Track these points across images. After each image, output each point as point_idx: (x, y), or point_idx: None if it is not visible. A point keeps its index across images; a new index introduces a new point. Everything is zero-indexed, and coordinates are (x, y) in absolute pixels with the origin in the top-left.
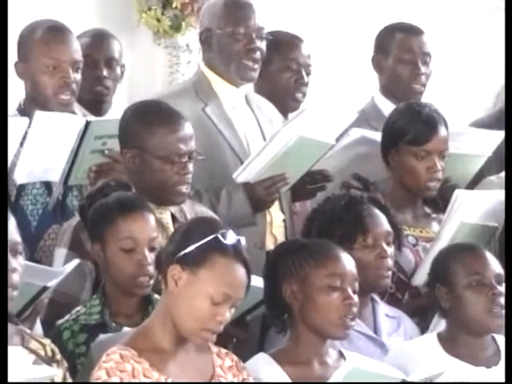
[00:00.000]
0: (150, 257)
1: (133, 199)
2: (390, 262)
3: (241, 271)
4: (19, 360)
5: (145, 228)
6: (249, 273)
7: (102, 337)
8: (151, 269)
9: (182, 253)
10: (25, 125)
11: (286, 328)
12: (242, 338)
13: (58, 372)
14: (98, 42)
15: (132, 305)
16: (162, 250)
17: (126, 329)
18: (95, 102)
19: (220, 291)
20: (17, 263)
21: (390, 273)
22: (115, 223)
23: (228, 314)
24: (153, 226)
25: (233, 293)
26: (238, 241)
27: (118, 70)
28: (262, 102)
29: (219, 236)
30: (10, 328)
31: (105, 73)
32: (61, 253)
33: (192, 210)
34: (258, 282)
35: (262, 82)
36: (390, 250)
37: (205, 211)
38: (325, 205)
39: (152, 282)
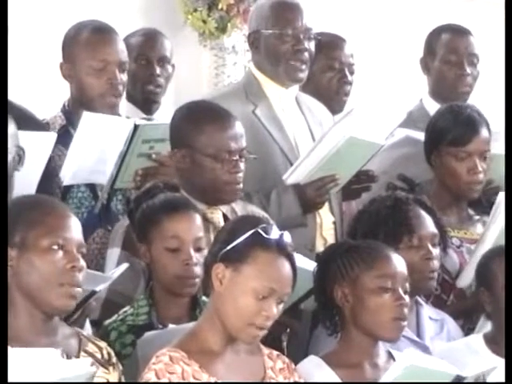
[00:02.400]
0: (196, 257)
1: (178, 199)
2: (435, 263)
3: (284, 265)
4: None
5: (190, 228)
6: (294, 267)
7: (148, 334)
8: (197, 269)
9: (224, 250)
10: (51, 140)
11: (337, 330)
12: (295, 327)
13: (113, 374)
14: (150, 41)
15: (179, 306)
16: (208, 252)
17: (172, 326)
18: (147, 101)
19: (264, 285)
20: (83, 263)
21: (435, 275)
22: (161, 223)
23: (275, 309)
24: (199, 226)
25: (277, 287)
26: (281, 235)
27: (170, 69)
28: (313, 104)
29: (260, 231)
30: (68, 330)
31: (158, 71)
32: (114, 252)
33: (244, 210)
34: (310, 266)
35: (306, 82)
36: (436, 251)
37: (257, 211)
38: (370, 206)
39: (197, 281)
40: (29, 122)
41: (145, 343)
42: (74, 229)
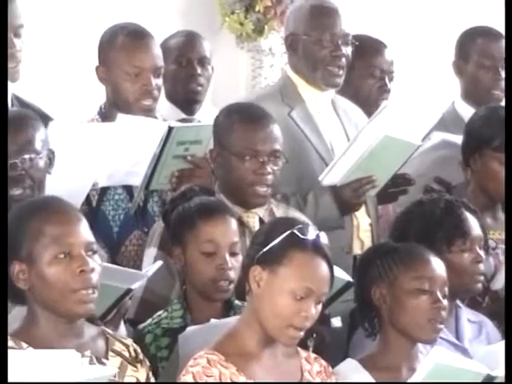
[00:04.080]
0: (231, 261)
1: (215, 203)
2: (483, 266)
3: (321, 265)
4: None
5: (226, 232)
6: (331, 267)
7: (189, 329)
8: (232, 273)
9: (261, 253)
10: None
11: (376, 332)
12: (322, 332)
13: (141, 371)
14: (190, 42)
15: (213, 310)
16: (245, 255)
17: (213, 320)
18: (188, 102)
19: (301, 286)
20: (94, 263)
21: (482, 278)
22: (196, 226)
23: (314, 310)
24: (234, 231)
25: (315, 287)
26: (318, 236)
27: (210, 70)
28: (349, 106)
29: (295, 231)
30: (94, 330)
31: (199, 71)
32: (151, 252)
33: (285, 214)
34: (337, 272)
35: (345, 88)
36: (483, 254)
37: (298, 216)
38: (419, 208)
39: (232, 286)
40: (43, 121)
41: (186, 337)
42: (79, 231)
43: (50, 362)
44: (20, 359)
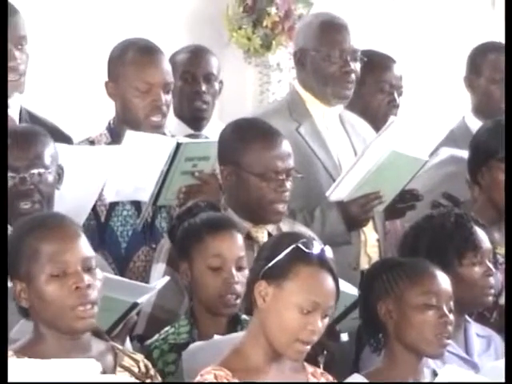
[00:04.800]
0: (238, 276)
1: (221, 218)
2: (493, 280)
3: (327, 279)
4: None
5: (232, 247)
6: (336, 281)
7: (193, 346)
8: (238, 288)
9: (266, 267)
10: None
11: (381, 347)
12: (332, 349)
13: None
14: (196, 58)
15: (220, 325)
16: (249, 270)
17: (216, 337)
18: (194, 118)
19: (307, 300)
20: (91, 278)
21: (493, 291)
22: (203, 241)
23: (320, 324)
24: (240, 245)
25: (321, 300)
26: (322, 250)
27: (217, 86)
28: (356, 121)
29: (300, 245)
30: (102, 345)
31: (204, 88)
32: (159, 268)
33: (291, 229)
34: (346, 287)
35: (354, 103)
36: (492, 267)
37: (304, 230)
38: (429, 222)
39: (239, 301)
40: (54, 135)
41: (190, 354)
42: (75, 247)
43: (69, 371)
44: (38, 368)
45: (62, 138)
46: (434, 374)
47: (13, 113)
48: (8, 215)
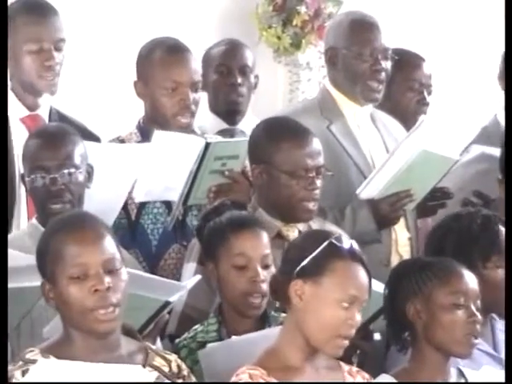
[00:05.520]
0: (263, 274)
1: (245, 217)
2: None
3: (361, 272)
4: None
5: (257, 245)
6: (369, 273)
7: (210, 346)
8: (264, 286)
9: (300, 266)
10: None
11: (407, 347)
12: (366, 348)
13: None
14: (231, 51)
15: (248, 323)
16: (278, 270)
17: (234, 337)
18: (230, 112)
19: (346, 294)
20: (114, 280)
21: None
22: (227, 240)
23: (358, 317)
24: (265, 244)
25: (359, 293)
26: (352, 243)
27: (252, 79)
28: (388, 120)
29: (333, 241)
30: (133, 345)
31: (239, 80)
32: (189, 267)
33: (321, 228)
34: (379, 287)
35: (384, 101)
36: None
37: (334, 230)
38: (456, 222)
39: (265, 301)
40: (83, 135)
41: (207, 355)
42: (97, 249)
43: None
44: (87, 372)
45: (90, 137)
46: (461, 373)
47: (43, 112)
48: (39, 215)
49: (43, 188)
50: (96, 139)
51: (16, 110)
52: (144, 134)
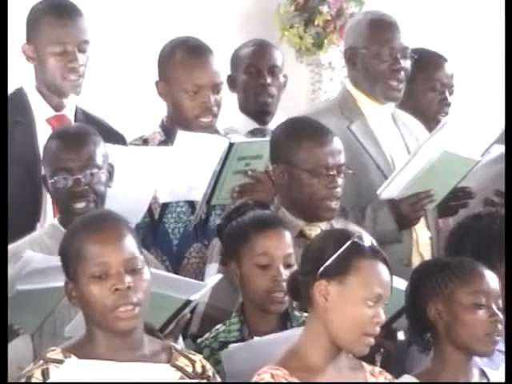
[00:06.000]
0: (285, 273)
1: (268, 216)
2: None
3: (384, 269)
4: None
5: (280, 244)
6: (390, 270)
7: (232, 346)
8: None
9: (324, 266)
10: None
11: (429, 347)
12: (389, 347)
13: None
14: (260, 51)
15: (270, 322)
16: (297, 271)
17: (256, 338)
18: (260, 113)
19: (372, 292)
20: (135, 280)
21: None
22: (250, 240)
23: (382, 315)
24: (288, 243)
25: (383, 291)
26: (372, 242)
27: (281, 78)
28: (409, 120)
29: (356, 240)
30: (157, 344)
31: (269, 80)
32: (212, 268)
33: (345, 227)
34: (402, 285)
35: (405, 101)
36: None
37: (357, 230)
38: (477, 222)
39: (287, 298)
40: (108, 134)
41: (229, 356)
42: (118, 248)
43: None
44: (109, 371)
45: (116, 137)
46: (483, 373)
47: (68, 113)
48: (63, 216)
49: (67, 189)
50: (121, 138)
51: (42, 110)
52: (168, 133)
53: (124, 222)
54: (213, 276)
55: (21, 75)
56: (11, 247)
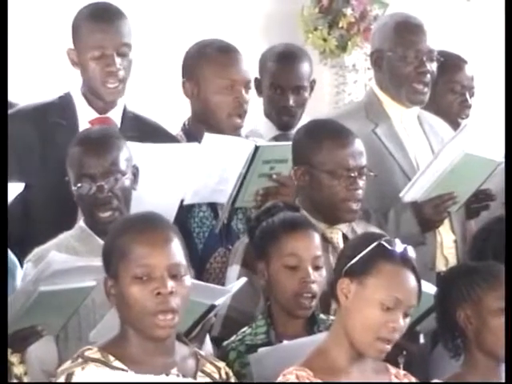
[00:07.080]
0: (314, 275)
1: (297, 218)
2: None
3: (409, 277)
4: None
5: (309, 246)
6: (419, 281)
7: (261, 350)
8: (314, 287)
9: (349, 265)
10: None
11: (460, 353)
12: (412, 350)
13: None
14: (285, 69)
15: (297, 324)
16: (334, 268)
17: (285, 342)
18: (283, 125)
19: (389, 296)
20: (177, 286)
21: None
22: (279, 240)
23: (402, 322)
24: (317, 245)
25: (403, 297)
26: (405, 249)
27: (306, 95)
28: (435, 121)
29: (383, 243)
30: (185, 350)
31: (291, 102)
32: (234, 270)
33: (364, 231)
34: (426, 287)
35: (428, 103)
36: None
37: (378, 232)
38: (498, 225)
39: (314, 302)
40: (159, 135)
41: (258, 360)
42: (163, 252)
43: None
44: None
45: (166, 137)
46: None
47: (114, 115)
48: (88, 221)
49: (90, 196)
50: (172, 138)
51: (86, 113)
52: (190, 136)
53: (172, 226)
54: (234, 278)
55: (70, 79)
56: (38, 250)
